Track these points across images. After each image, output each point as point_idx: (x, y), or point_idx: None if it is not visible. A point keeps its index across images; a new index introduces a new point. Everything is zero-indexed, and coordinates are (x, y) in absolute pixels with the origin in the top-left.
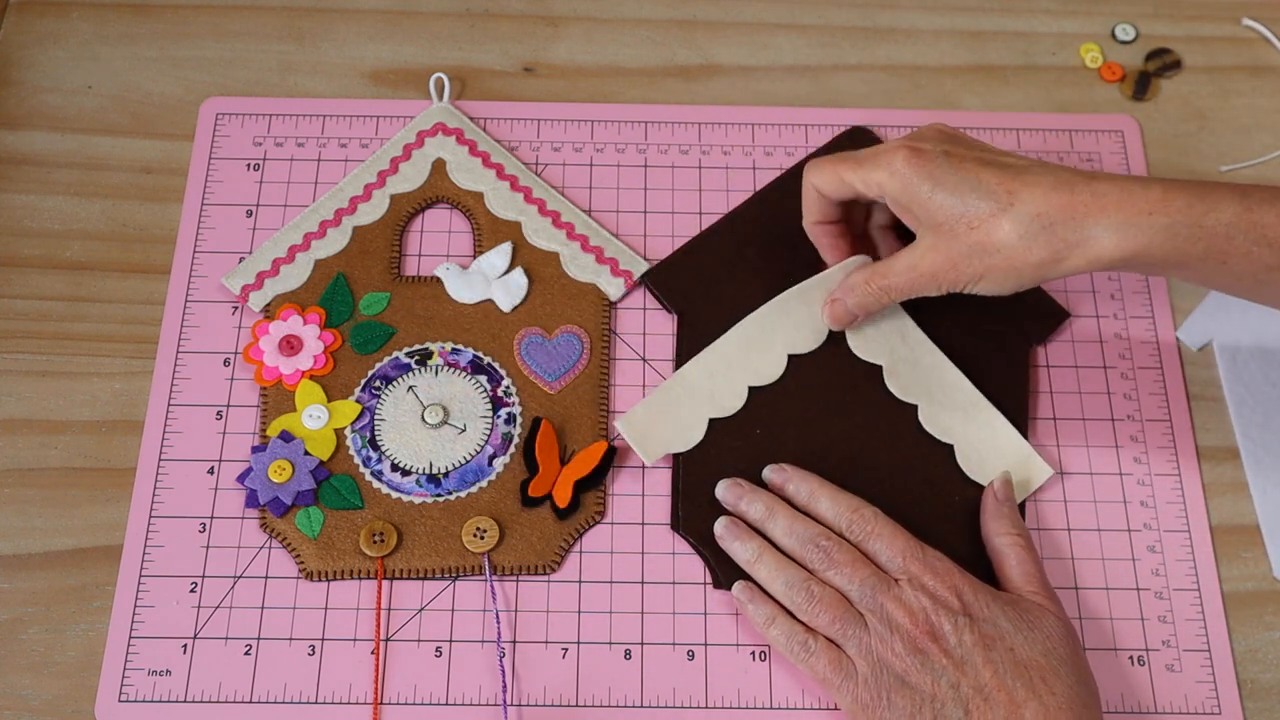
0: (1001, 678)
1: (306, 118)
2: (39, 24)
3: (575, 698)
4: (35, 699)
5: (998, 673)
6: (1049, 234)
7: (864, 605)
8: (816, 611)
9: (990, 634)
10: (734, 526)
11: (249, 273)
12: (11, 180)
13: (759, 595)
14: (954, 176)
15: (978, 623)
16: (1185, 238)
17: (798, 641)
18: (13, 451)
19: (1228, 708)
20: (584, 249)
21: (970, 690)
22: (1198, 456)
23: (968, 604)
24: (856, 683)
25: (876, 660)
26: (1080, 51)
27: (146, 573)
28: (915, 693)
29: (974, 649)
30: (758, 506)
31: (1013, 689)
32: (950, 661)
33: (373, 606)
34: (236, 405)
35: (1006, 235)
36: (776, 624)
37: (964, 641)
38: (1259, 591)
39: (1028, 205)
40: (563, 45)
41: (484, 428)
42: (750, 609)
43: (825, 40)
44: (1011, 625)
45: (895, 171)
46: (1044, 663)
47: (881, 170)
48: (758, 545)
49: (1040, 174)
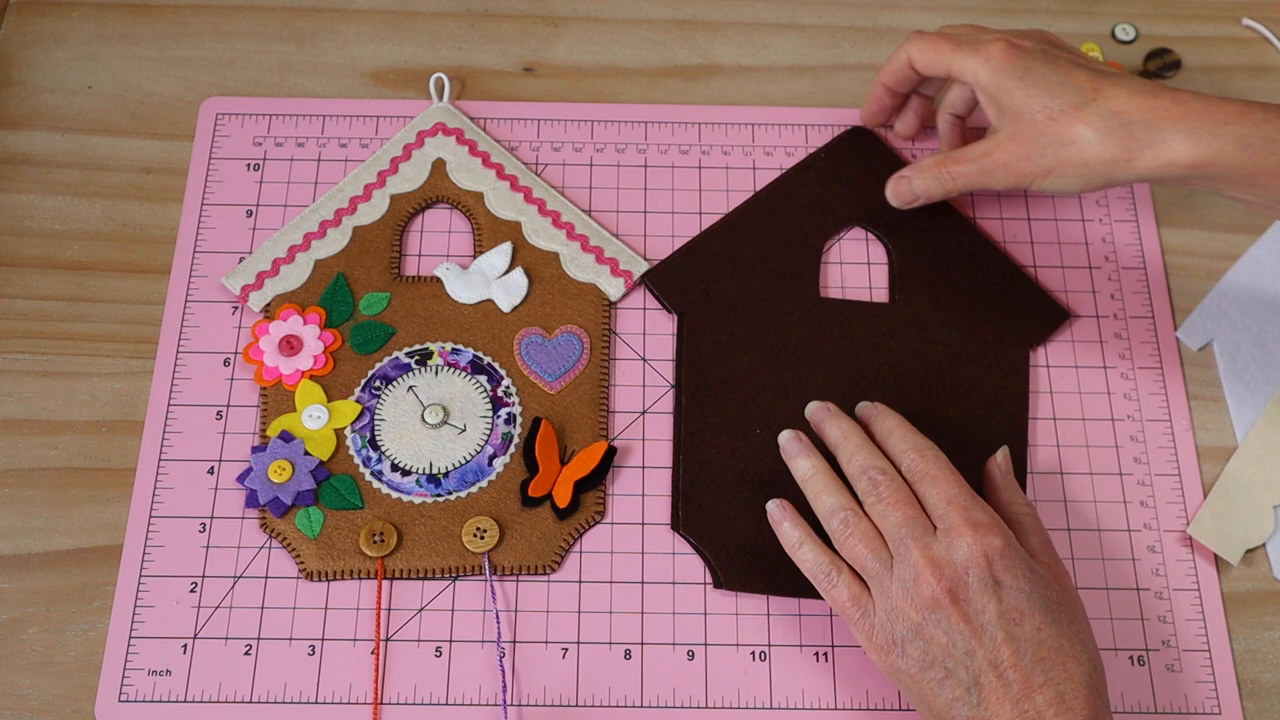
0: (1020, 657)
1: (306, 118)
2: (39, 24)
3: (575, 698)
4: (35, 699)
5: (1017, 651)
6: (1125, 132)
7: (895, 547)
8: (850, 543)
9: (1016, 607)
10: (798, 442)
11: (249, 273)
12: (11, 180)
13: (793, 515)
14: (1045, 70)
15: (1005, 591)
16: (1258, 150)
17: (822, 570)
18: (13, 451)
19: (1228, 708)
20: (584, 249)
21: (985, 663)
22: (1198, 456)
23: (998, 570)
24: (873, 623)
25: (894, 606)
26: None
27: (146, 573)
28: (929, 647)
29: (996, 621)
30: (838, 428)
31: (1030, 672)
32: (968, 627)
33: (373, 606)
34: (236, 405)
35: (1084, 129)
36: (805, 547)
37: (986, 609)
38: (1259, 591)
39: (1109, 102)
40: (563, 45)
41: (484, 428)
42: (784, 528)
43: (825, 40)
44: (1041, 600)
45: (991, 59)
46: (1066, 645)
47: (979, 57)
48: (816, 463)
49: (1129, 79)
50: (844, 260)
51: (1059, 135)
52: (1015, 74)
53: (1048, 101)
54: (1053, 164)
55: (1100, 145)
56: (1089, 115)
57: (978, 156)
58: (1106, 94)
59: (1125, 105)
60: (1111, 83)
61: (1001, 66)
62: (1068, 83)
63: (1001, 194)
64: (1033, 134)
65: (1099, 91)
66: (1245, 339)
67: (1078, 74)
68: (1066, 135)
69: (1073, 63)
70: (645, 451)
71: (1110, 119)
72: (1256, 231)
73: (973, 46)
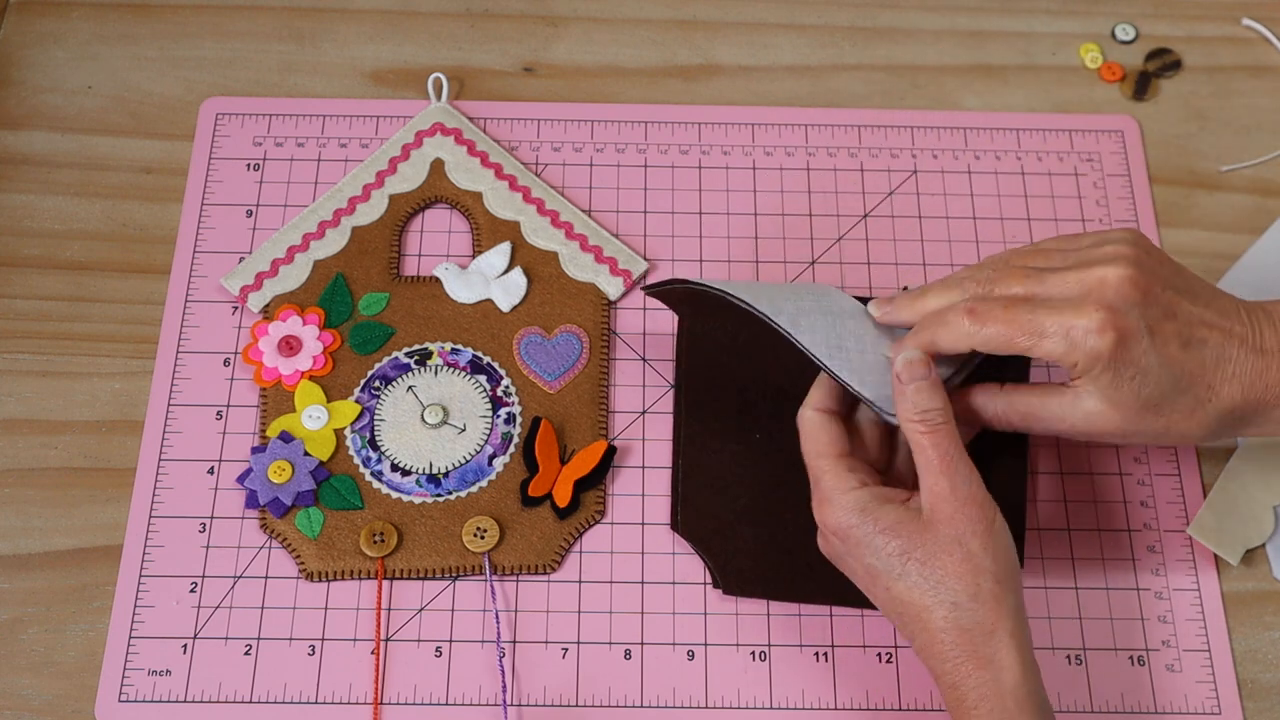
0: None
1: (306, 118)
2: (39, 24)
3: (575, 698)
4: (35, 699)
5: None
6: (1235, 424)
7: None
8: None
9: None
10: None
11: (248, 273)
12: (11, 180)
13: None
14: (1158, 369)
15: None
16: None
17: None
18: (13, 451)
19: (1228, 708)
20: (583, 248)
21: None
22: (1198, 456)
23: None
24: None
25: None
26: (1080, 51)
27: (146, 573)
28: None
29: None
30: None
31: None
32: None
33: (373, 606)
34: (236, 405)
35: (1197, 429)
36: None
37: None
38: (1259, 591)
39: (1224, 402)
40: (563, 45)
41: (484, 427)
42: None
43: (825, 40)
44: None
45: (1096, 357)
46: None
47: (1080, 352)
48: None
49: (1236, 356)
50: (844, 261)
51: (1165, 431)
52: (1127, 375)
53: (1159, 402)
54: (1146, 442)
55: (1206, 437)
56: (1201, 418)
57: (1052, 418)
58: (1220, 393)
59: (1238, 404)
60: (1221, 372)
61: (1111, 366)
62: (1180, 381)
63: (1002, 195)
64: (1135, 423)
65: (1212, 390)
66: None
67: (1189, 365)
68: (1174, 432)
69: (1182, 341)
70: (645, 451)
71: (1223, 418)
72: (1257, 231)
73: (1064, 336)
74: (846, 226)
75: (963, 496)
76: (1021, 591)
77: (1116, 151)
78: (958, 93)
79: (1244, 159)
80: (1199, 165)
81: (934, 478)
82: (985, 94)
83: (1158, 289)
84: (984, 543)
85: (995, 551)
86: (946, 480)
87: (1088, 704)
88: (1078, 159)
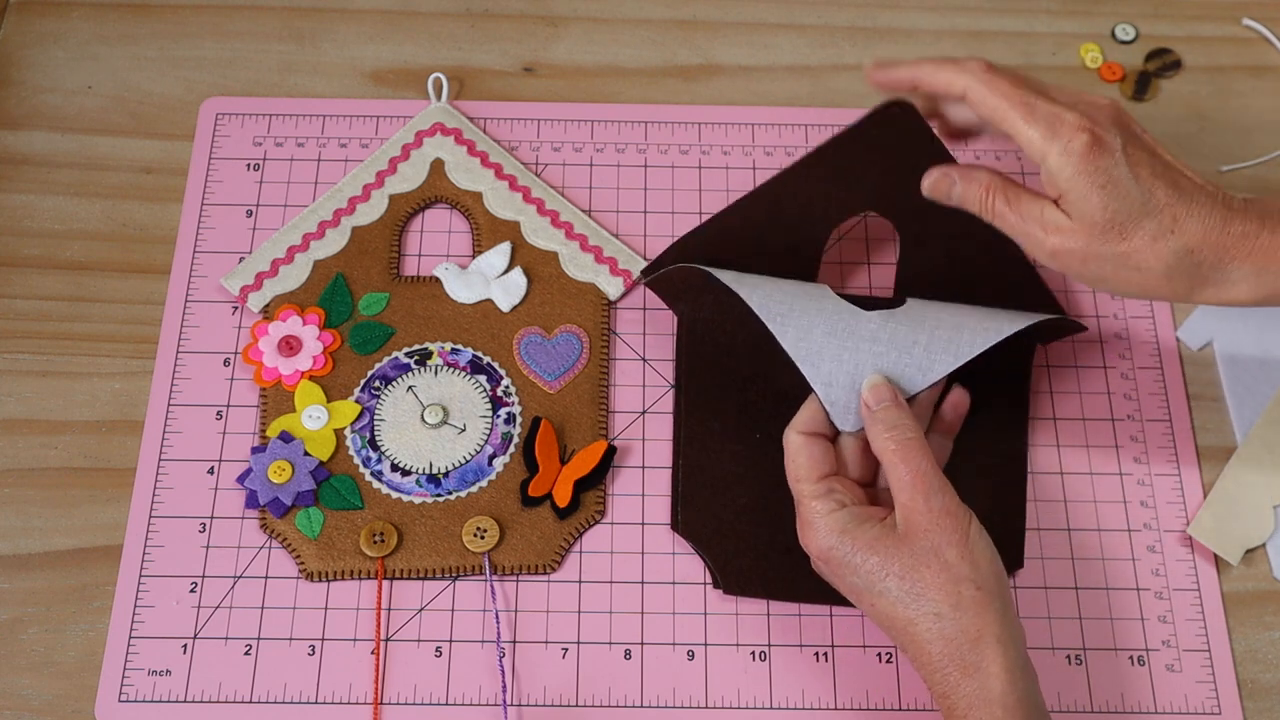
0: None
1: (306, 118)
2: (39, 24)
3: (575, 698)
4: (35, 699)
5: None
6: (1193, 271)
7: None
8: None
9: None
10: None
11: (248, 273)
12: (11, 180)
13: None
14: (1129, 182)
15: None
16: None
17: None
18: (13, 451)
19: (1228, 708)
20: (583, 248)
21: None
22: (1198, 456)
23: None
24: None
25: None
26: (1080, 51)
27: (146, 573)
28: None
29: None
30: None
31: None
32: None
33: (373, 606)
34: (236, 405)
35: (1155, 261)
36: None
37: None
38: (1259, 591)
39: (1185, 237)
40: (563, 45)
41: (484, 427)
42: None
43: (825, 40)
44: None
45: (1072, 153)
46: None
47: (1057, 143)
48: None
49: (1202, 201)
50: (844, 260)
51: (1125, 256)
52: (1097, 181)
53: (1124, 221)
54: (1109, 276)
55: (1165, 280)
56: (1162, 250)
57: (1032, 221)
58: (1184, 226)
59: (1198, 241)
60: (1188, 208)
61: (1083, 167)
62: (1149, 202)
63: None
64: (1097, 241)
65: (1177, 223)
66: (1245, 339)
67: (1159, 192)
68: (1133, 261)
69: (1153, 171)
70: (645, 451)
71: (1183, 257)
72: None
73: (1050, 124)
74: (846, 226)
75: (936, 509)
76: (1009, 595)
77: None
78: None
79: (1244, 159)
80: (1199, 165)
81: (907, 494)
82: None
83: (1137, 129)
84: (960, 552)
85: (974, 558)
86: (920, 495)
87: (1087, 704)
88: None
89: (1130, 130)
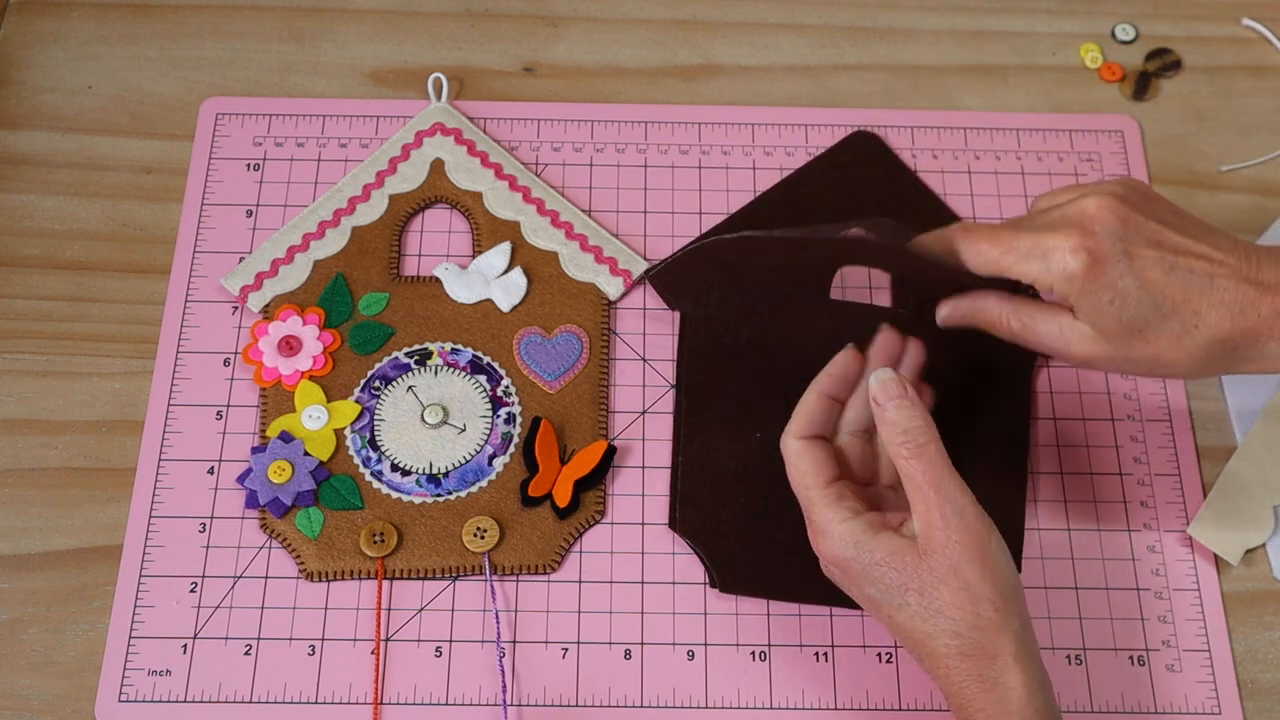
0: None
1: (306, 118)
2: (39, 24)
3: (575, 698)
4: (35, 699)
5: None
6: (1229, 354)
7: None
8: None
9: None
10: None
11: (248, 273)
12: (11, 180)
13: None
14: (1136, 292)
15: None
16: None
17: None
18: (13, 451)
19: (1228, 708)
20: (583, 248)
21: None
22: (1198, 456)
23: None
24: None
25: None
26: (1080, 51)
27: (146, 573)
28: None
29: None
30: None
31: None
32: None
33: (373, 606)
34: (236, 405)
35: (1186, 357)
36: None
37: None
38: (1259, 591)
39: (1210, 330)
40: (563, 45)
41: (484, 427)
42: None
43: (825, 40)
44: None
45: (1072, 279)
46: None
47: (1054, 272)
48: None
49: (1225, 286)
50: None
51: (1156, 359)
52: (1104, 298)
53: (1143, 328)
54: (1146, 372)
55: (1204, 366)
56: (1190, 345)
57: (1052, 339)
58: (1206, 320)
59: (1227, 332)
60: (1208, 299)
61: (1086, 288)
62: (1163, 307)
63: (1002, 195)
64: (1125, 349)
65: (1199, 317)
66: None
67: (1171, 291)
68: (1164, 360)
69: (1163, 267)
70: (645, 451)
71: (1213, 348)
72: (1256, 232)
73: (1041, 255)
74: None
75: (954, 523)
76: (1024, 604)
77: (1116, 152)
78: (958, 93)
79: (1244, 159)
80: (1199, 165)
81: (924, 505)
82: (985, 94)
83: (1140, 219)
84: (981, 571)
85: (994, 577)
86: (936, 508)
87: (1088, 704)
88: (1078, 159)
89: (1132, 224)
